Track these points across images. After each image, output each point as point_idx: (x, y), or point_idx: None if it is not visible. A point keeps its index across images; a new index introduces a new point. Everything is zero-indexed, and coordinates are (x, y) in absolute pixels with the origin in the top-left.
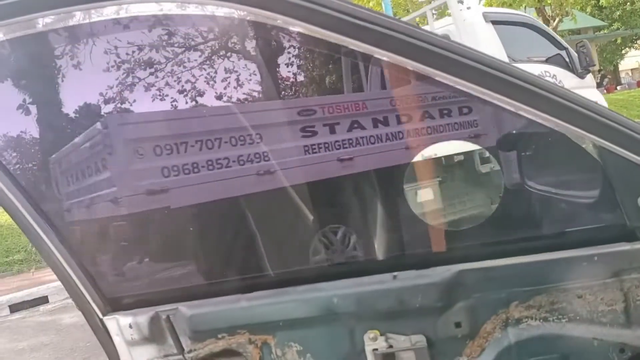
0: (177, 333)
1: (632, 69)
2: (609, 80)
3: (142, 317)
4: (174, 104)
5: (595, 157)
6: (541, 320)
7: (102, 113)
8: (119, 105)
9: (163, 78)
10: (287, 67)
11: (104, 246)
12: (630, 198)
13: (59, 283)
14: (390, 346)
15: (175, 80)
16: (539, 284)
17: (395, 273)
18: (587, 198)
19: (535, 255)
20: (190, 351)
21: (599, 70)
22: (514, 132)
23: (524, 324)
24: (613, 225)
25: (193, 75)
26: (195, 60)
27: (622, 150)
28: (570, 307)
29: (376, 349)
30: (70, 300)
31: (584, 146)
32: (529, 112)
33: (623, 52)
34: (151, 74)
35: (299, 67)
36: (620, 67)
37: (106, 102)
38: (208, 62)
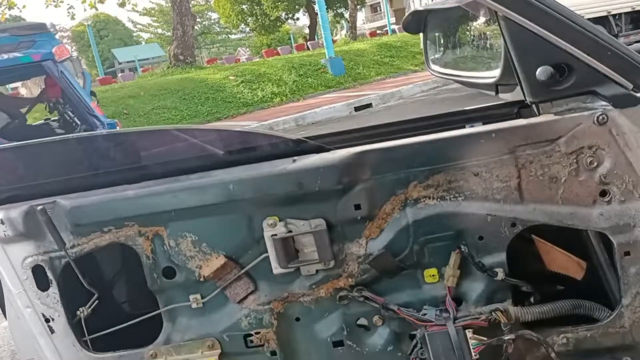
0: (56, 227)
1: None
2: None
3: (15, 211)
4: None
5: (499, 30)
6: (438, 199)
7: None
8: None
9: None
10: None
11: None
12: (530, 72)
13: None
14: (290, 231)
15: None
16: (437, 163)
17: (294, 157)
18: (489, 78)
19: (435, 134)
20: (73, 246)
21: None
22: (421, 9)
23: (421, 203)
24: (511, 102)
25: None
26: None
27: (525, 21)
28: (467, 185)
29: (275, 235)
30: None
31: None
32: None
33: None
34: None
35: None
36: None
37: None
38: None
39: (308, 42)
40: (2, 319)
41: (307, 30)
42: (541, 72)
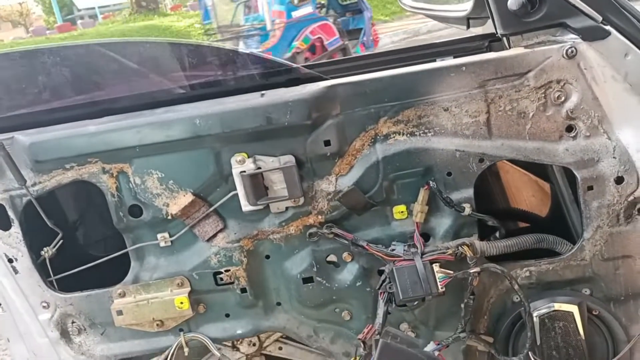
0: (15, 164)
1: None
2: None
3: None
4: None
5: None
6: (408, 135)
7: None
8: None
9: None
10: None
11: None
12: (502, 2)
13: None
14: (259, 168)
15: None
16: (407, 98)
17: (262, 91)
18: (460, 11)
19: (405, 67)
20: (34, 184)
21: None
22: None
23: (391, 139)
24: (482, 35)
25: None
26: None
27: None
28: (437, 121)
29: (244, 172)
30: None
31: None
32: None
33: None
34: None
35: None
36: None
37: None
38: None
39: None
40: None
41: None
42: (513, 3)
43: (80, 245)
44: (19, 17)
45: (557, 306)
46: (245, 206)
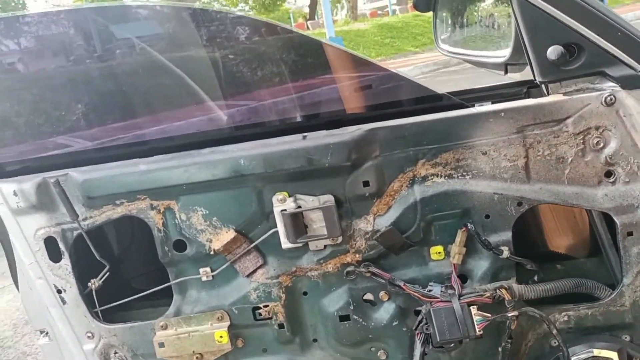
0: (69, 199)
1: None
2: None
3: (28, 183)
4: None
5: (510, 9)
6: (446, 177)
7: None
8: None
9: None
10: None
11: None
12: (540, 51)
13: None
14: (299, 207)
15: None
16: (446, 141)
17: (305, 134)
18: (498, 57)
19: (445, 112)
20: (85, 218)
21: None
22: None
23: (429, 181)
24: (521, 81)
25: None
26: None
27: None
28: (475, 164)
29: (284, 210)
30: None
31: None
32: None
33: None
34: None
35: None
36: None
37: None
38: None
39: (308, 22)
40: (2, 293)
41: (307, 10)
42: (551, 52)
43: (125, 276)
44: None
45: (597, 352)
46: (285, 243)
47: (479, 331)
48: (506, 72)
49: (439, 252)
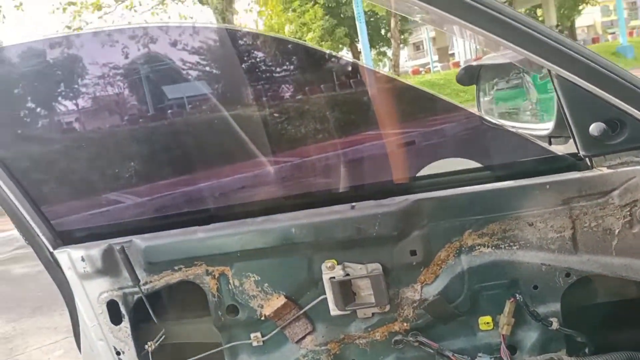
0: (132, 265)
1: (587, 26)
2: (566, 36)
3: (95, 249)
4: None
5: (551, 86)
6: (493, 248)
7: None
8: None
9: None
10: None
11: (52, 179)
12: (583, 127)
13: (6, 234)
14: (347, 274)
15: None
16: (492, 212)
17: (353, 203)
18: (541, 130)
19: (490, 184)
20: (145, 283)
21: (557, 26)
22: (474, 65)
23: (476, 251)
24: (565, 155)
25: None
26: None
27: (578, 79)
28: (521, 235)
29: (333, 278)
30: (20, 251)
31: (540, 76)
32: (488, 38)
33: (580, 8)
34: None
35: None
36: (577, 24)
37: None
38: None
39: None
40: (55, 348)
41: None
42: (594, 129)
43: (180, 339)
44: None
45: None
46: (334, 311)
47: None
48: (550, 144)
49: (488, 323)
